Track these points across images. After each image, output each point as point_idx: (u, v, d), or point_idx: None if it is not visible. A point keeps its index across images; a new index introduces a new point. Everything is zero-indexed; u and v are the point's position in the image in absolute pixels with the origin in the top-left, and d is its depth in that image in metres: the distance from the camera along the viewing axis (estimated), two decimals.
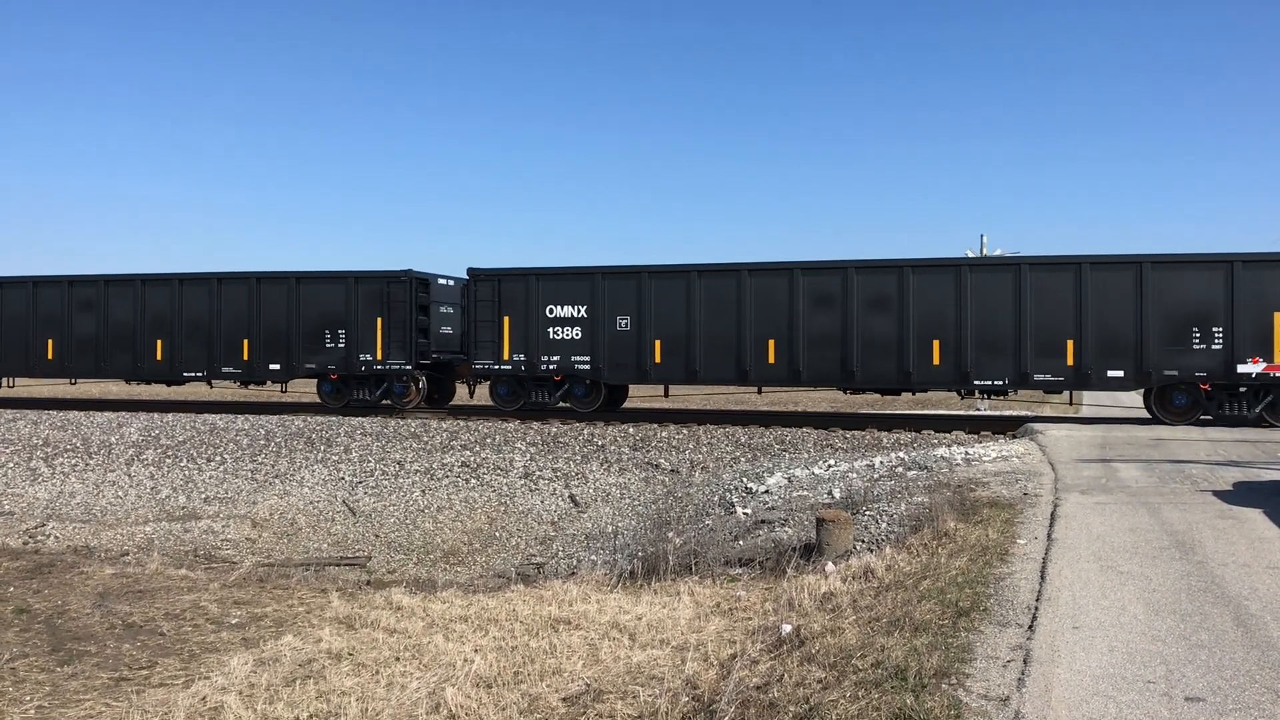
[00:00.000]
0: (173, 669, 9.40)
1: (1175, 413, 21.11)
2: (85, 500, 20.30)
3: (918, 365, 22.00)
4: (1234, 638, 6.32)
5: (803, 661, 6.90)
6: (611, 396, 25.35)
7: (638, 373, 23.96)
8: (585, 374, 24.20)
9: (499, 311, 24.72)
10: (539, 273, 24.60)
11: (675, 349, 23.56)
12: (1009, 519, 10.68)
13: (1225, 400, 20.74)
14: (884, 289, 22.12)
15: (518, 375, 24.70)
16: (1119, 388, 21.37)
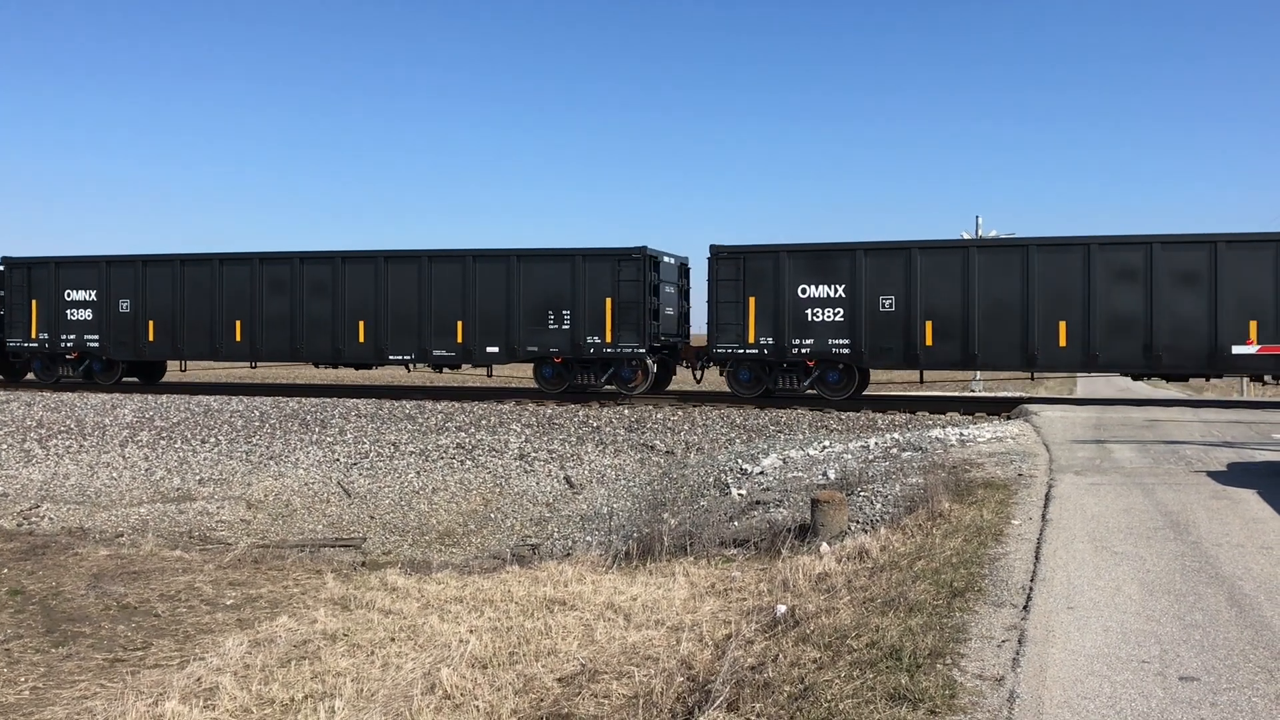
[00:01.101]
0: (168, 650, 9.40)
1: None
2: (80, 482, 20.27)
3: None
4: (1228, 618, 6.33)
5: (798, 642, 6.91)
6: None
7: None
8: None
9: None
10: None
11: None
12: (1004, 500, 10.69)
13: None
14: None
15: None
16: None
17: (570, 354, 23.88)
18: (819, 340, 22.24)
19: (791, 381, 22.79)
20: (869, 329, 21.90)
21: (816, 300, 22.30)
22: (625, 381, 24.05)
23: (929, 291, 21.58)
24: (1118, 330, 20.57)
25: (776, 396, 23.03)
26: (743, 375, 23.25)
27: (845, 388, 22.58)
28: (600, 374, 24.12)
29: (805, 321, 22.35)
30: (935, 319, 21.53)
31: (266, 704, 7.42)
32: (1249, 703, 4.97)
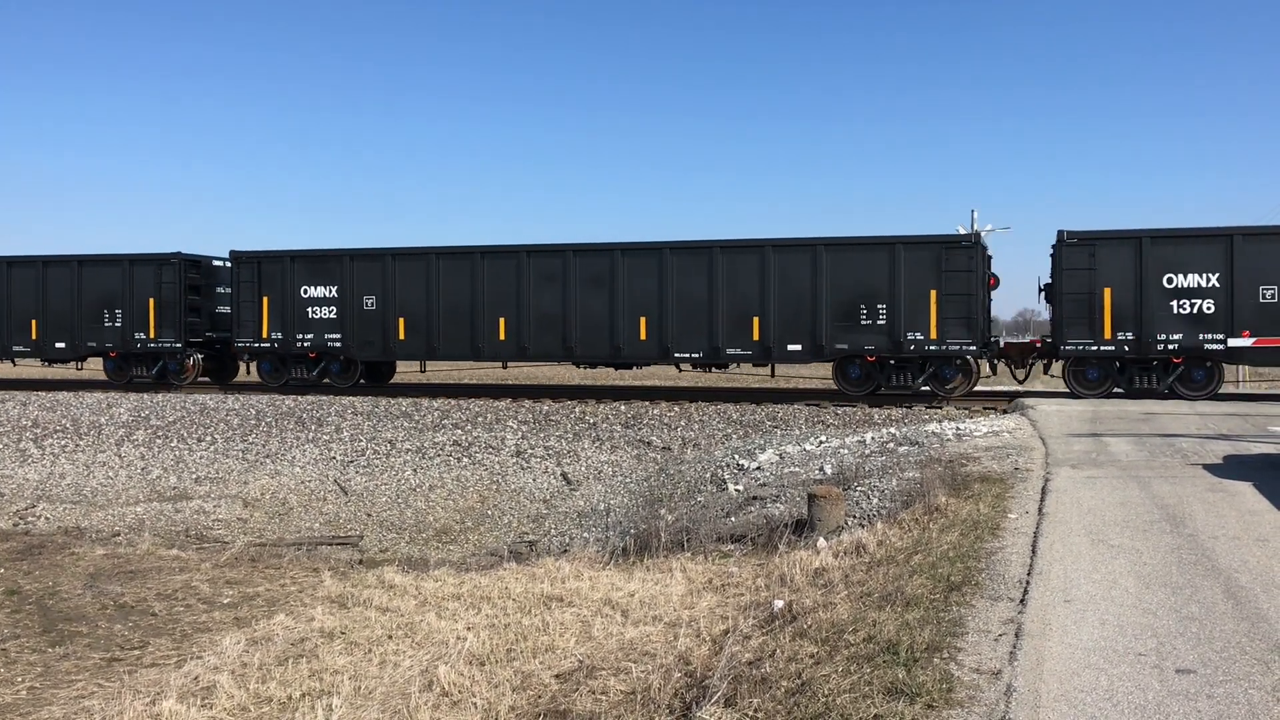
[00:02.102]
0: (165, 649, 9.39)
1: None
2: (75, 481, 20.24)
3: None
4: (1224, 610, 6.34)
5: (795, 637, 6.91)
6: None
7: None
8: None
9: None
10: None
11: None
12: (1000, 494, 10.70)
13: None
14: None
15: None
16: None
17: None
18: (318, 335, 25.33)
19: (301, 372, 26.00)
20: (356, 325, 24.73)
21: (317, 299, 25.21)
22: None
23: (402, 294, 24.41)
24: None
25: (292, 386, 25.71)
26: (264, 366, 26.54)
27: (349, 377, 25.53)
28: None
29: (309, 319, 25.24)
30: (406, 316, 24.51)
31: (264, 702, 7.42)
32: (1245, 695, 4.98)
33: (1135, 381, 20.88)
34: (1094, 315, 20.70)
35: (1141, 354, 20.54)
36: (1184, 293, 20.28)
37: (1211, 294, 20.12)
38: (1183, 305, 20.28)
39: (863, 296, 21.89)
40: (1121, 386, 21.09)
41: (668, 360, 23.35)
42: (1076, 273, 20.83)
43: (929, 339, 21.53)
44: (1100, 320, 20.67)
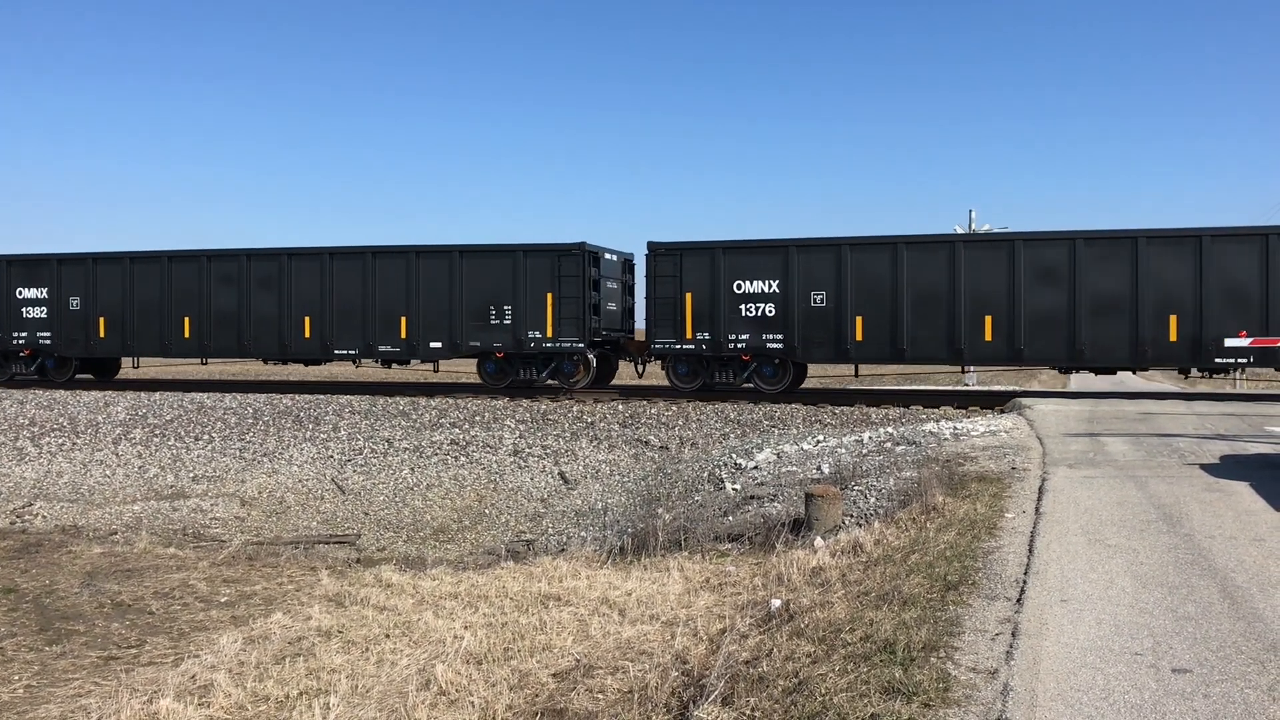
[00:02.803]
0: (162, 648, 9.38)
1: None
2: (73, 479, 20.22)
3: None
4: (1220, 610, 6.35)
5: (792, 636, 6.92)
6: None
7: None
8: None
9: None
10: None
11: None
12: (997, 493, 10.71)
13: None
14: None
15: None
16: None
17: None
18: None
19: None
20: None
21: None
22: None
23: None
24: None
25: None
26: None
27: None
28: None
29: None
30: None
31: (261, 701, 7.42)
32: (1241, 694, 4.99)
33: (716, 376, 23.31)
34: (677, 317, 23.15)
35: (717, 352, 22.98)
36: (750, 298, 22.73)
37: (772, 299, 22.55)
38: (749, 309, 22.69)
39: (492, 299, 24.50)
40: (705, 380, 23.42)
41: (329, 357, 26.07)
42: (664, 280, 23.31)
43: (545, 337, 24.12)
44: (683, 322, 23.10)
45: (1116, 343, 20.55)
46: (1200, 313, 20.03)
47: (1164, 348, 20.34)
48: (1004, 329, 21.08)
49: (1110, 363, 21.13)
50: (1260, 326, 19.86)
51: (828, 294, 22.18)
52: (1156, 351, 20.42)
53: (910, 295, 21.63)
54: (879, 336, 21.89)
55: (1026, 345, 20.99)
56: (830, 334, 22.16)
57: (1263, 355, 20.02)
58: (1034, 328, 20.94)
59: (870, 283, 21.93)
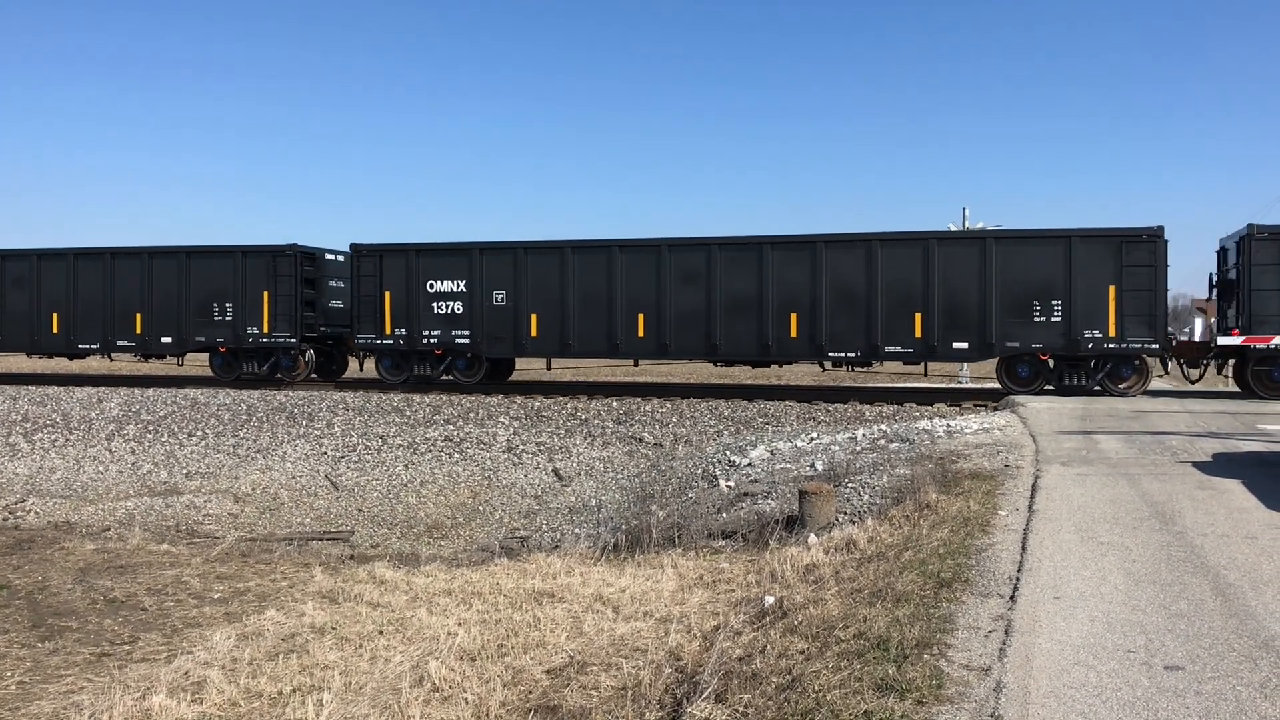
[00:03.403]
0: (155, 644, 9.37)
1: None
2: (65, 476, 20.18)
3: None
4: (1213, 607, 6.37)
5: (785, 633, 6.92)
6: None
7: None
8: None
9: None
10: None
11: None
12: (990, 490, 10.73)
13: None
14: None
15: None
16: None
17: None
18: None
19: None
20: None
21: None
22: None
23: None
24: None
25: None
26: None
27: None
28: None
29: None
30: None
31: (254, 697, 7.41)
32: (1234, 691, 5.00)
33: (415, 369, 25.26)
34: (378, 315, 24.94)
35: (412, 347, 24.87)
36: (441, 296, 24.61)
37: (460, 298, 24.43)
38: (440, 307, 24.56)
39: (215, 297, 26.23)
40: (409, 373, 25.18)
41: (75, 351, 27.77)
42: (366, 279, 25.10)
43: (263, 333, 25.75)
44: (383, 319, 24.91)
45: (747, 337, 22.69)
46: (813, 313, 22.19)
47: (786, 344, 22.46)
48: (654, 325, 23.20)
49: (741, 356, 23.05)
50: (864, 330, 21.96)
51: (507, 293, 24.21)
52: (780, 348, 22.53)
53: (577, 295, 23.74)
54: (551, 332, 23.91)
55: (672, 340, 23.20)
56: (509, 330, 24.12)
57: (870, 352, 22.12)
58: (680, 324, 23.07)
59: (545, 284, 24.00)
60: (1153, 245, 20.52)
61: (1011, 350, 21.37)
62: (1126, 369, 21.30)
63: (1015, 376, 21.86)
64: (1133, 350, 20.80)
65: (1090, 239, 20.84)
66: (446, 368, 24.96)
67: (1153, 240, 20.53)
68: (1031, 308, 21.03)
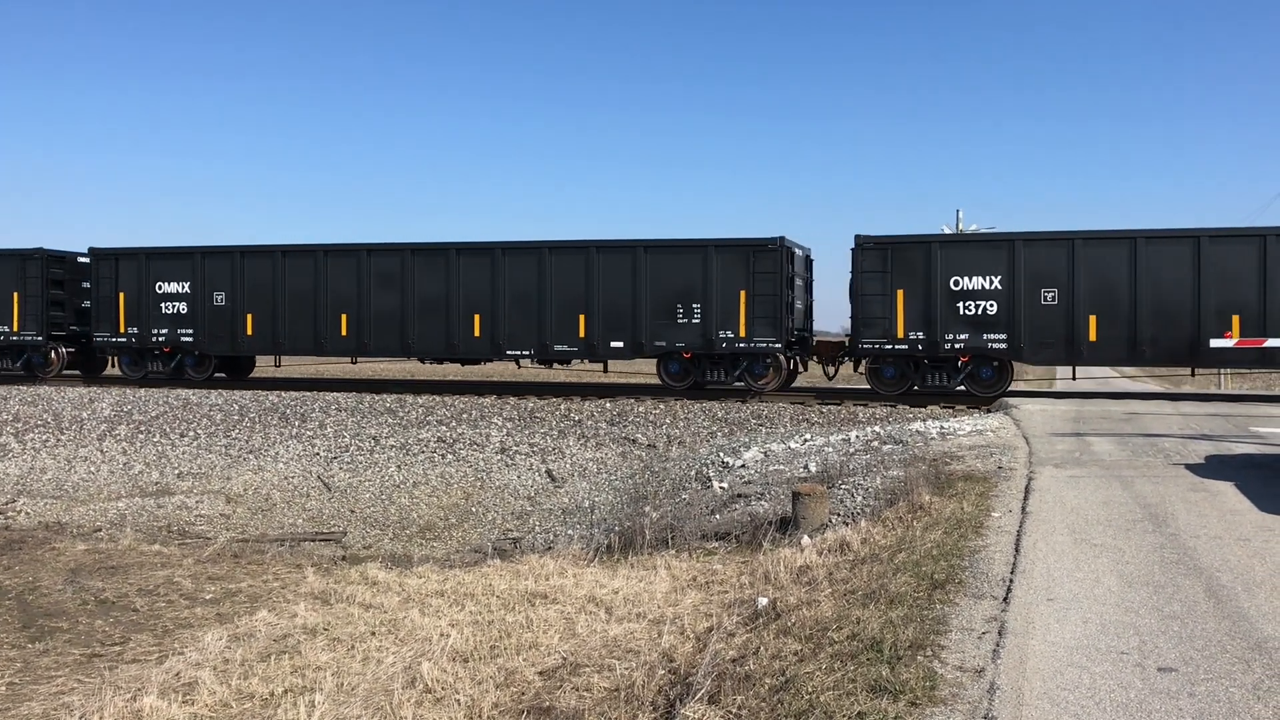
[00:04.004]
0: (146, 645, 9.34)
1: None
2: (57, 476, 20.11)
3: None
4: (1205, 609, 6.37)
5: (779, 634, 6.92)
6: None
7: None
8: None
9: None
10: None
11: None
12: (984, 492, 10.73)
13: None
14: None
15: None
16: None
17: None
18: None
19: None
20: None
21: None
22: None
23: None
24: None
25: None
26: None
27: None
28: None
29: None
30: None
31: (246, 698, 7.39)
32: (1226, 693, 5.00)
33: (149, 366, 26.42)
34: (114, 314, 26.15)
35: (143, 345, 26.11)
36: (169, 298, 25.86)
37: (184, 299, 25.73)
38: (169, 307, 25.87)
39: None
40: None
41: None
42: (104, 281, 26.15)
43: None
44: (117, 317, 26.12)
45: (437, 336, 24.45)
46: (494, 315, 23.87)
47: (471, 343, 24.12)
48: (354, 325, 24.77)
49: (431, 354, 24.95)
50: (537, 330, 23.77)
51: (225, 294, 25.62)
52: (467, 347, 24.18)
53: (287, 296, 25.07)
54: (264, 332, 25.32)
55: (416, 340, 24.42)
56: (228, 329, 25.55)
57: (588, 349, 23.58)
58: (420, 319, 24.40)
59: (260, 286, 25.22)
60: (776, 254, 22.42)
61: (660, 349, 23.04)
62: (759, 366, 22.83)
63: (669, 373, 23.57)
64: (760, 349, 22.41)
65: (724, 248, 22.66)
66: (178, 365, 26.11)
67: (776, 250, 22.42)
68: (675, 311, 22.85)
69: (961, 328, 21.43)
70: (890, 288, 21.86)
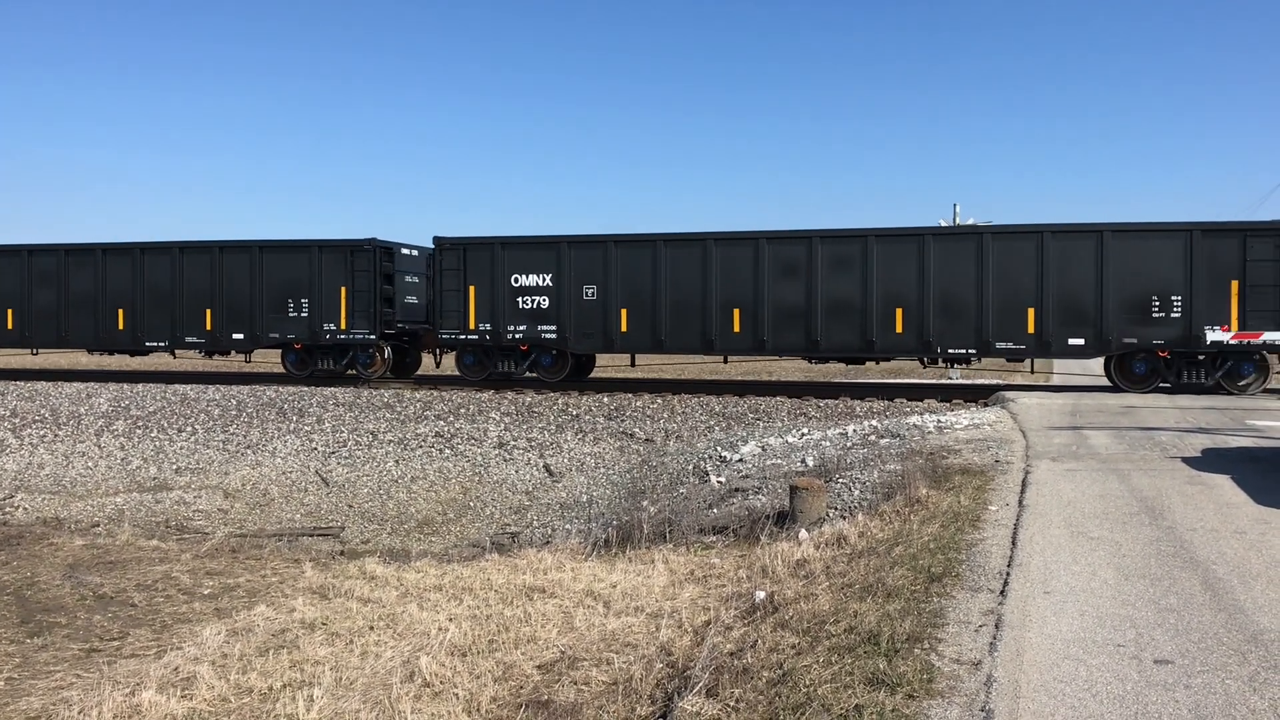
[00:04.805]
0: (144, 640, 9.35)
1: None
2: (54, 471, 20.10)
3: None
4: (1202, 601, 6.39)
5: (776, 627, 6.93)
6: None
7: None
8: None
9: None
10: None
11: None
12: (981, 486, 10.75)
13: None
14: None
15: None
16: None
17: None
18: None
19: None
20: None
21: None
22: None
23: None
24: None
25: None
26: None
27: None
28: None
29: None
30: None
31: (245, 693, 7.39)
32: (1223, 685, 5.02)
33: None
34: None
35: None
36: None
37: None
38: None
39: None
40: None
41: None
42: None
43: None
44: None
45: None
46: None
47: None
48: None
49: None
50: None
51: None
52: None
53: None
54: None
55: None
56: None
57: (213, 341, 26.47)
58: None
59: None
60: (371, 254, 25.13)
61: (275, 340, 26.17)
62: (364, 356, 25.71)
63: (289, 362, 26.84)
64: (357, 340, 25.41)
65: (328, 249, 25.55)
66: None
67: (370, 250, 25.13)
68: (286, 305, 25.76)
69: (521, 320, 24.17)
70: (464, 284, 24.68)
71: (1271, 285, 20.31)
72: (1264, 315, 20.36)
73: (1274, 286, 20.31)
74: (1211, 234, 20.48)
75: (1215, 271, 20.47)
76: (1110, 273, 20.78)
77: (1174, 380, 21.12)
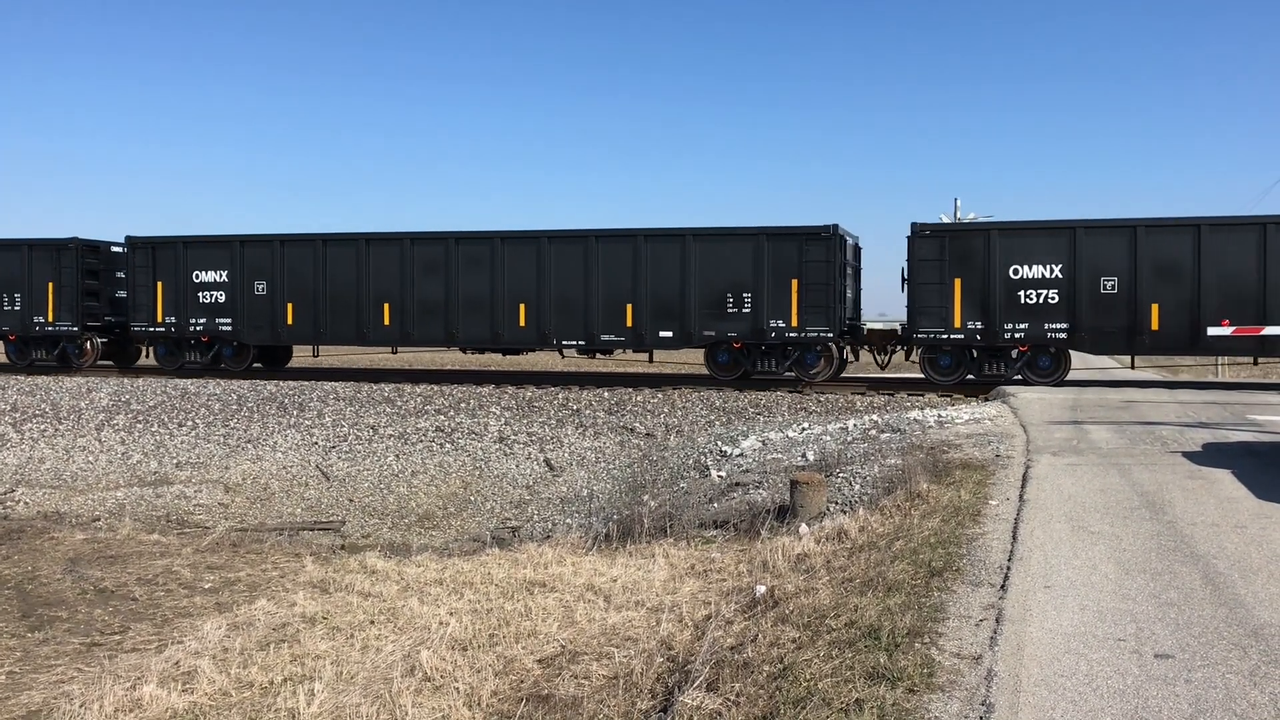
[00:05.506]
0: (145, 634, 9.36)
1: None
2: (55, 466, 20.11)
3: None
4: (1202, 596, 6.39)
5: (777, 622, 6.93)
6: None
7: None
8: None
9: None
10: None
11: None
12: (981, 480, 10.75)
13: None
14: None
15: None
16: None
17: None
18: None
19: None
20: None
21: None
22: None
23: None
24: None
25: None
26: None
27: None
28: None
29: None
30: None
31: (245, 687, 7.40)
32: (1223, 679, 5.02)
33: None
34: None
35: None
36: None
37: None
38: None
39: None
40: None
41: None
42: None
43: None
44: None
45: None
46: None
47: None
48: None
49: None
50: None
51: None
52: None
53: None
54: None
55: None
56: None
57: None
58: None
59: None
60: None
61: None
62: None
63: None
64: (63, 332, 26.49)
65: (38, 247, 26.57)
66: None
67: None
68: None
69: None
70: (153, 280, 25.66)
71: (822, 283, 22.10)
72: (817, 310, 22.16)
73: (824, 285, 22.11)
74: (776, 237, 22.32)
75: (779, 271, 22.34)
76: (693, 272, 22.70)
77: (750, 368, 23.05)
